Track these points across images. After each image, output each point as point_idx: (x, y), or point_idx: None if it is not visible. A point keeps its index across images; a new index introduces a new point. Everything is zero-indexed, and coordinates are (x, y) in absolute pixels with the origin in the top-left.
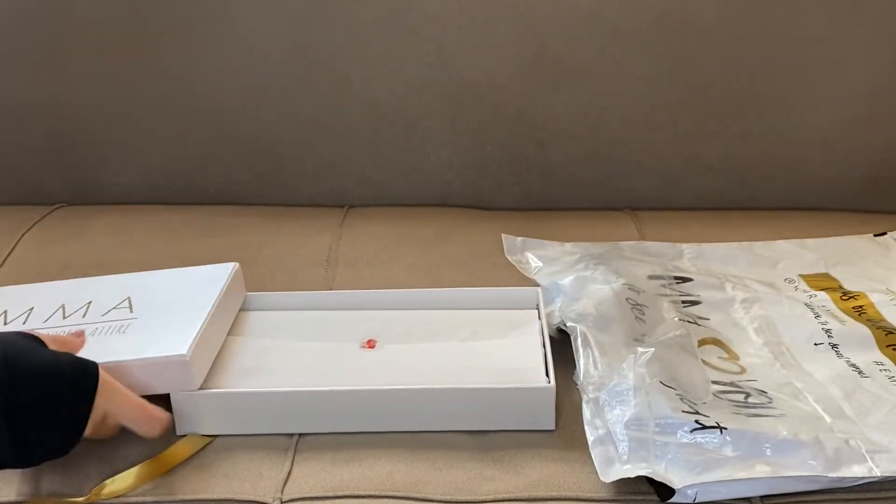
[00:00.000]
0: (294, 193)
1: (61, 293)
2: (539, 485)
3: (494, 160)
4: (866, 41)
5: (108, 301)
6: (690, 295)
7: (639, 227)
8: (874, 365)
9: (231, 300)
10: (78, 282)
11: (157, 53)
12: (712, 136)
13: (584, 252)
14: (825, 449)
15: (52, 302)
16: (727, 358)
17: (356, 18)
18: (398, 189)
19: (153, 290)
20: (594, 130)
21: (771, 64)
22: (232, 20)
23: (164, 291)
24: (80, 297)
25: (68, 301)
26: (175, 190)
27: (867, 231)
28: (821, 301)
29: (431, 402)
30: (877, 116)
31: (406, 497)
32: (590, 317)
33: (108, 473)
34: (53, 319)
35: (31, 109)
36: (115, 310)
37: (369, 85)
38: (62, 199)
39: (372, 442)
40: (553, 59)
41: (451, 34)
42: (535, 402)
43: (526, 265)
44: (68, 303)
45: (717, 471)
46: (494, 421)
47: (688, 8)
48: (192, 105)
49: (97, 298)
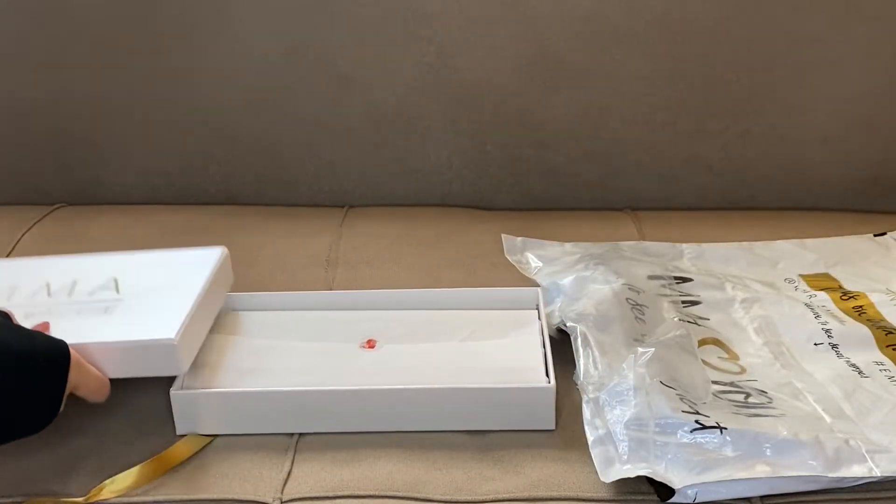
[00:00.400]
0: (294, 193)
1: (46, 270)
2: (539, 485)
3: (494, 160)
4: (866, 41)
5: (94, 280)
6: (690, 295)
7: (639, 227)
8: (874, 365)
9: (219, 286)
10: (63, 259)
11: (157, 53)
12: (712, 136)
13: (584, 252)
14: (825, 449)
15: (37, 279)
16: (727, 358)
17: (356, 18)
18: (398, 189)
19: (139, 272)
20: (594, 130)
21: (771, 64)
22: (232, 20)
23: (150, 273)
24: (66, 276)
25: (53, 279)
26: (175, 190)
27: (867, 231)
28: (821, 301)
29: (431, 402)
30: (877, 116)
31: (406, 497)
32: (590, 317)
33: (108, 473)
34: (38, 297)
35: (31, 109)
36: (101, 290)
37: (369, 85)
38: (62, 199)
39: (372, 442)
40: (553, 59)
41: (451, 34)
42: (536, 402)
43: (526, 265)
44: (53, 280)
45: (717, 471)
46: (494, 421)
47: (688, 8)
48: (192, 105)
49: (83, 277)
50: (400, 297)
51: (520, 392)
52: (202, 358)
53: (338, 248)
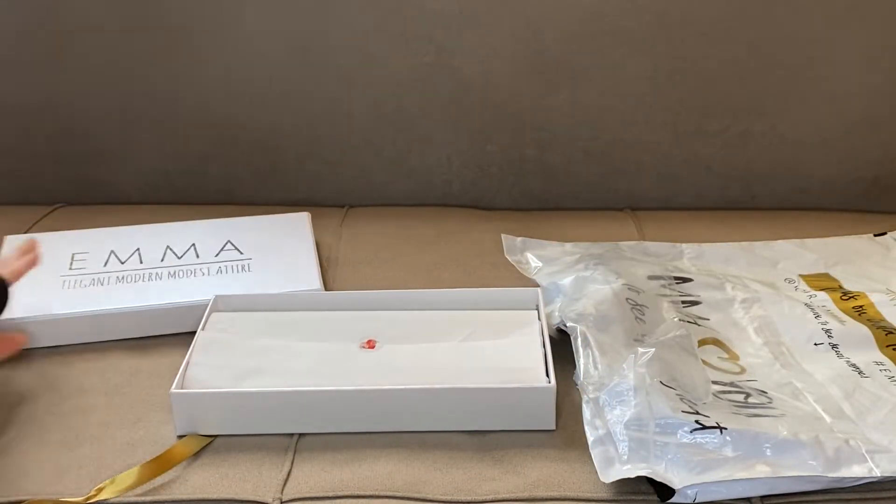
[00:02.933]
0: (294, 193)
1: (157, 237)
2: (539, 485)
3: (494, 160)
4: (866, 42)
5: (212, 244)
6: (690, 295)
7: (639, 227)
8: (874, 365)
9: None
10: (163, 226)
11: (157, 53)
12: (712, 136)
13: (585, 252)
14: (825, 449)
15: (158, 244)
16: (727, 358)
17: (356, 18)
18: (398, 189)
19: (247, 234)
20: (594, 130)
21: (771, 64)
22: (232, 20)
23: (257, 235)
24: (183, 240)
25: (173, 244)
26: (175, 190)
27: (867, 231)
28: (821, 301)
29: (431, 402)
30: (877, 116)
31: (406, 497)
32: (590, 317)
33: (108, 473)
34: (169, 259)
35: (31, 109)
36: (225, 251)
37: (369, 85)
38: (62, 199)
39: (372, 442)
40: (553, 59)
41: (451, 34)
42: (536, 402)
43: (526, 265)
44: (173, 244)
45: (717, 471)
46: (495, 421)
47: (688, 8)
48: (192, 105)
49: (199, 240)
50: (400, 297)
51: (520, 392)
52: (202, 358)
53: (338, 248)
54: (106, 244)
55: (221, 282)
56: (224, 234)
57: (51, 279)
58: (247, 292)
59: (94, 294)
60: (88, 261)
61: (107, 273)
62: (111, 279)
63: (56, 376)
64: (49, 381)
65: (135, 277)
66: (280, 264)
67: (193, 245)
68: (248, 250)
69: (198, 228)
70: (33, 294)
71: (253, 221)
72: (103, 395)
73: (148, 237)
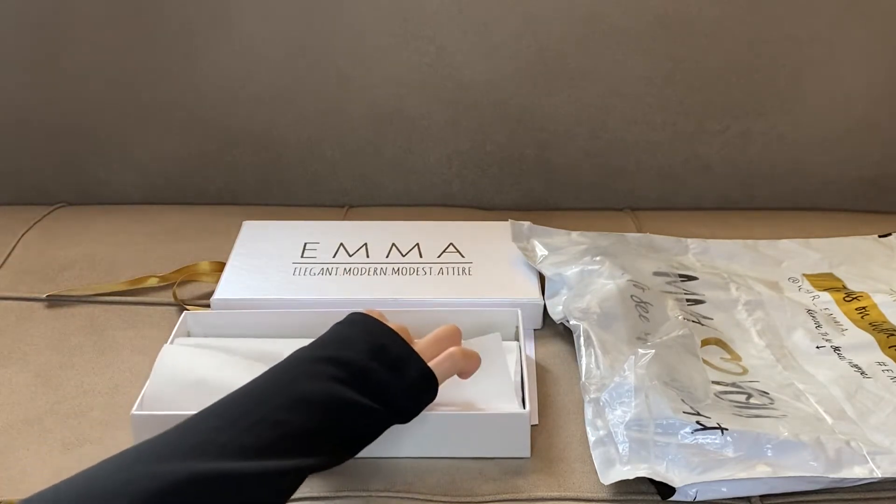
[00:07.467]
0: (294, 193)
1: (358, 234)
2: (539, 485)
3: (494, 160)
4: (866, 42)
5: (434, 245)
6: (695, 294)
7: (639, 227)
8: (877, 365)
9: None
10: (384, 224)
11: (156, 53)
12: (712, 136)
13: (591, 243)
14: (826, 450)
15: (385, 239)
16: (729, 359)
17: (356, 19)
18: (398, 189)
19: (469, 238)
20: (594, 130)
21: (771, 64)
22: (232, 20)
23: (479, 240)
24: (408, 239)
25: (398, 240)
26: (175, 190)
27: (869, 231)
28: (824, 302)
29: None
30: (877, 116)
31: (406, 497)
32: (594, 315)
33: None
34: (393, 255)
35: (31, 110)
36: (447, 253)
37: (369, 85)
38: (62, 199)
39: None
40: (553, 59)
41: (451, 34)
42: (510, 429)
43: (531, 252)
44: (399, 242)
45: (718, 471)
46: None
47: (688, 8)
48: (192, 105)
49: (423, 240)
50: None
51: (495, 419)
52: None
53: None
54: (336, 236)
55: (443, 282)
56: (447, 236)
57: (283, 265)
58: (466, 296)
59: (322, 283)
60: (319, 251)
61: (335, 264)
62: (339, 270)
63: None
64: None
65: (361, 270)
66: (499, 272)
67: (417, 244)
68: (469, 254)
69: (422, 228)
70: (267, 279)
71: (476, 227)
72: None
73: (377, 233)
